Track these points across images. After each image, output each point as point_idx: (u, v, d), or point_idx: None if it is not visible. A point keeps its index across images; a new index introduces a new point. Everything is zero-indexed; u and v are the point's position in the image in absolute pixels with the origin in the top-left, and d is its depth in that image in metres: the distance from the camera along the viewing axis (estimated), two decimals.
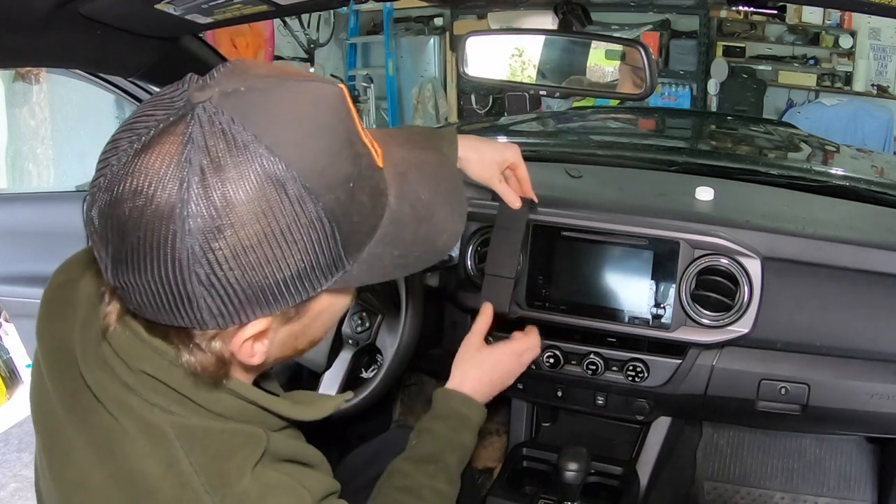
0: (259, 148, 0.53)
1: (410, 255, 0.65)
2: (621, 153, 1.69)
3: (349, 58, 5.71)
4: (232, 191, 0.52)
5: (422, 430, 0.99)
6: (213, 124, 0.53)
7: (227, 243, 0.53)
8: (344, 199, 0.57)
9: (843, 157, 2.15)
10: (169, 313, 0.56)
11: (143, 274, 0.54)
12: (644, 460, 1.36)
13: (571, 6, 1.14)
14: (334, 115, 0.58)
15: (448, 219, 0.69)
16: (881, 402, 1.17)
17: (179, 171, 0.52)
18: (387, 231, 0.63)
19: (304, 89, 0.57)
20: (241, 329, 0.58)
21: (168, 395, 0.62)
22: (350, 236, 0.58)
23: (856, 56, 4.76)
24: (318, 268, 0.57)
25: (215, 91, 0.54)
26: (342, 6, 1.16)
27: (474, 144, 1.09)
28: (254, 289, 0.55)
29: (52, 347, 0.69)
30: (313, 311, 0.62)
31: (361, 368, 1.30)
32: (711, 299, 1.16)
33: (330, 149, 0.57)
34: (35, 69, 3.18)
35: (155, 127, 0.54)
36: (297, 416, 0.67)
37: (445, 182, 0.72)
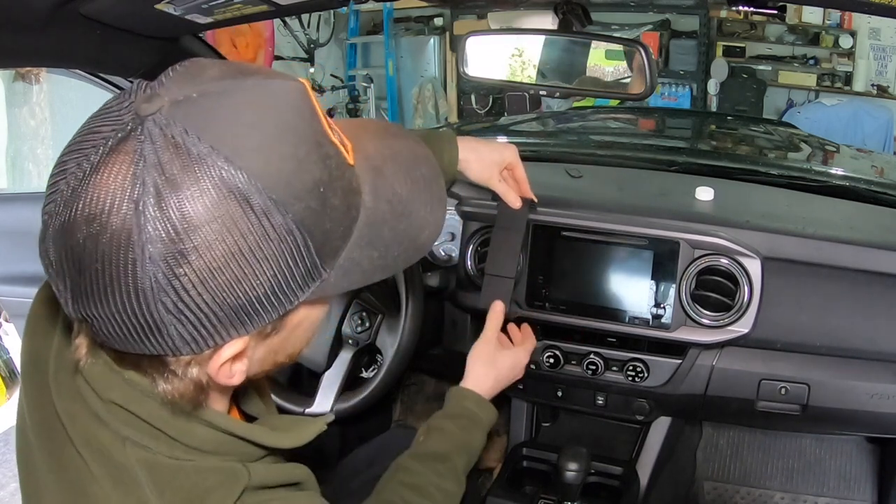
0: (217, 160, 0.49)
1: (390, 255, 0.61)
2: (621, 153, 1.69)
3: (349, 58, 5.71)
4: (192, 210, 0.48)
5: (432, 427, 0.99)
6: (166, 138, 0.48)
7: (193, 268, 0.49)
8: (315, 206, 0.53)
9: (843, 157, 2.15)
10: (138, 343, 0.52)
11: (106, 306, 0.50)
12: (644, 460, 1.36)
13: (571, 6, 1.14)
14: (297, 115, 0.53)
15: (428, 213, 0.65)
16: (881, 402, 1.17)
17: (133, 192, 0.48)
18: (363, 233, 0.58)
19: (263, 90, 0.53)
20: (218, 352, 0.54)
21: (140, 427, 0.58)
22: (324, 244, 0.54)
23: (856, 56, 4.76)
24: (294, 281, 0.53)
25: (165, 101, 0.50)
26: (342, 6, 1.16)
27: (473, 145, 1.10)
28: (226, 311, 0.51)
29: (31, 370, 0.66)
30: (291, 324, 0.59)
31: (361, 368, 1.30)
32: (711, 299, 1.16)
33: (296, 154, 0.52)
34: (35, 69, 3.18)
35: (103, 145, 0.49)
36: (275, 443, 0.63)
37: (423, 171, 0.67)
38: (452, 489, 0.94)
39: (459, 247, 1.31)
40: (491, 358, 1.07)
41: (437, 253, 1.39)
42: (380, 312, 1.23)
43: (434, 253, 1.39)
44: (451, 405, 1.02)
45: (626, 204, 1.27)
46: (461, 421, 1.00)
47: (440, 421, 1.00)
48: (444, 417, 1.00)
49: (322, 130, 0.55)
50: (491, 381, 1.05)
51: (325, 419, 0.68)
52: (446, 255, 1.37)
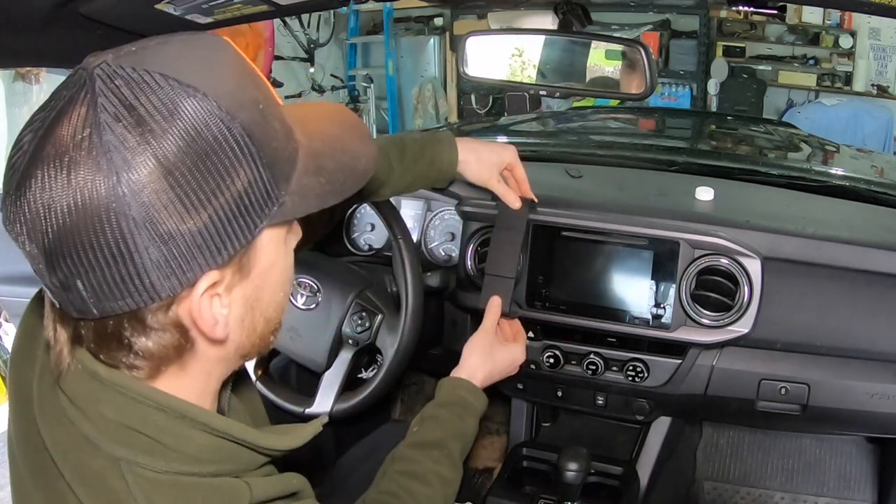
0: (168, 82, 0.52)
1: (336, 181, 0.64)
2: (621, 153, 1.69)
3: (349, 58, 5.71)
4: (150, 127, 0.51)
5: (426, 416, 1.00)
6: (115, 77, 0.52)
7: (158, 179, 0.51)
8: (258, 119, 0.56)
9: (843, 157, 2.15)
10: (116, 290, 0.52)
11: (80, 247, 0.51)
12: (644, 460, 1.36)
13: (571, 6, 1.14)
14: (227, 50, 0.59)
15: (360, 145, 0.69)
16: (881, 402, 1.17)
17: (94, 126, 0.51)
18: (307, 162, 0.62)
19: (193, 36, 0.58)
20: (195, 287, 0.55)
21: (133, 442, 0.57)
22: (274, 163, 0.57)
23: (856, 56, 4.76)
24: (254, 197, 0.56)
25: (108, 55, 0.53)
26: (342, 6, 1.16)
27: (472, 146, 1.11)
28: (198, 229, 0.53)
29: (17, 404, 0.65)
30: (261, 263, 0.60)
31: (361, 368, 1.30)
32: (711, 299, 1.16)
33: (234, 73, 0.57)
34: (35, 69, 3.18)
35: (56, 106, 0.53)
36: (273, 445, 0.63)
37: (343, 118, 0.72)
38: (450, 475, 0.95)
39: (459, 247, 1.31)
40: (488, 350, 1.08)
41: (437, 253, 1.39)
42: (380, 312, 1.23)
43: (434, 253, 1.39)
44: (444, 393, 1.02)
45: (626, 204, 1.27)
46: (455, 409, 1.00)
47: (434, 409, 1.00)
48: (437, 406, 1.01)
49: (249, 65, 0.60)
50: (485, 373, 1.06)
51: (320, 420, 0.68)
52: (446, 255, 1.37)
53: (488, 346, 1.08)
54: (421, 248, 1.38)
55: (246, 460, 0.62)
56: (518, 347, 1.13)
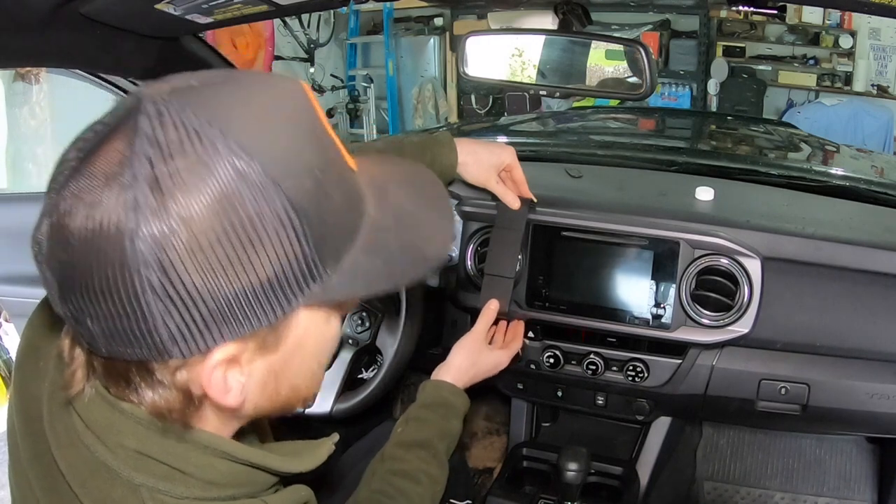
0: (212, 133, 0.48)
1: (396, 265, 0.58)
2: (621, 153, 1.69)
3: (349, 58, 5.71)
4: (184, 182, 0.47)
5: (411, 418, 1.01)
6: (162, 115, 0.48)
7: (182, 241, 0.47)
8: (310, 187, 0.51)
9: (843, 157, 2.15)
10: (125, 341, 0.49)
11: (93, 291, 0.48)
12: (644, 460, 1.36)
13: (571, 6, 1.13)
14: (294, 103, 0.54)
15: (436, 226, 0.63)
16: (881, 402, 1.17)
17: (127, 166, 0.47)
18: (368, 238, 0.56)
19: (262, 80, 0.53)
20: (208, 356, 0.51)
21: (154, 470, 0.55)
22: (324, 239, 0.52)
23: (856, 56, 4.76)
24: (291, 274, 0.50)
25: (166, 87, 0.50)
26: (342, 6, 1.16)
27: (471, 147, 1.11)
28: (217, 300, 0.48)
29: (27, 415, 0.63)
30: (293, 339, 0.55)
31: (361, 368, 1.30)
32: (711, 299, 1.16)
33: (292, 134, 0.52)
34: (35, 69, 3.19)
35: (102, 131, 0.50)
36: (291, 469, 0.61)
37: (428, 189, 0.66)
38: (437, 474, 0.96)
39: (459, 247, 1.31)
40: (475, 355, 1.08)
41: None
42: (380, 312, 1.22)
43: None
44: (427, 395, 1.03)
45: (626, 204, 1.27)
46: (439, 410, 1.01)
47: (418, 411, 1.01)
48: (422, 407, 1.02)
49: (320, 124, 0.55)
50: (469, 376, 1.07)
51: (331, 439, 0.66)
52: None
53: (476, 351, 1.08)
54: None
55: (262, 482, 0.61)
56: (504, 353, 1.13)
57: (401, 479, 0.92)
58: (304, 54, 5.18)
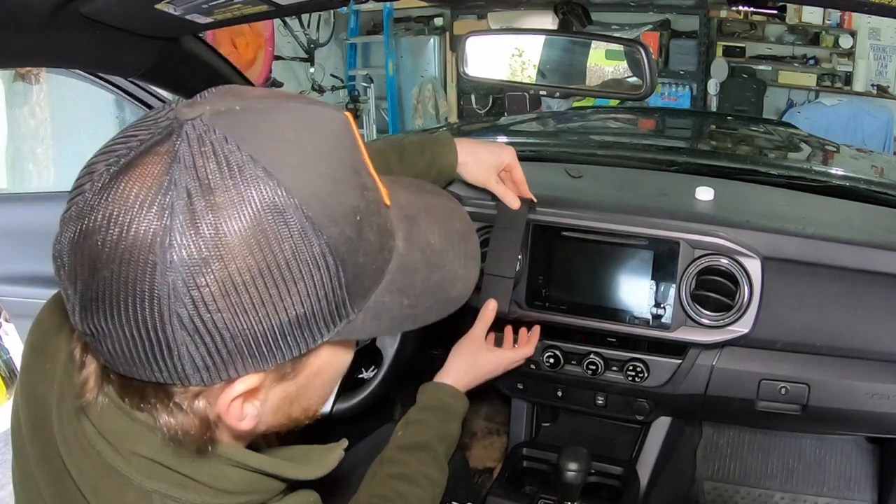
0: (256, 170, 0.46)
1: (421, 304, 0.58)
2: (621, 153, 1.69)
3: (349, 58, 5.71)
4: (223, 218, 0.45)
5: (410, 421, 1.01)
6: (203, 143, 0.46)
7: (216, 278, 0.46)
8: (350, 234, 0.50)
9: (843, 157, 2.15)
10: (145, 365, 0.49)
11: (116, 316, 0.47)
12: (644, 460, 1.36)
13: (571, 6, 1.13)
14: (338, 141, 0.52)
15: (461, 266, 0.63)
16: (881, 402, 1.17)
17: (163, 194, 0.46)
18: (395, 277, 0.56)
19: (306, 112, 0.51)
20: (230, 386, 0.51)
21: (166, 477, 0.55)
22: (356, 279, 0.52)
23: (856, 56, 4.77)
24: (321, 314, 0.50)
25: (206, 108, 0.48)
26: (342, 6, 1.16)
27: (471, 148, 1.11)
28: (245, 337, 0.48)
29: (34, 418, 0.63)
30: (311, 368, 0.55)
31: (361, 368, 1.30)
32: (711, 299, 1.16)
33: (335, 176, 0.50)
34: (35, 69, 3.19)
35: (136, 147, 0.48)
36: (303, 476, 0.61)
37: (457, 227, 0.66)
38: (436, 476, 0.96)
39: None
40: (474, 358, 1.09)
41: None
42: None
43: None
44: (427, 398, 1.04)
45: (626, 204, 1.27)
46: (439, 413, 1.02)
47: (418, 414, 1.02)
48: (421, 410, 1.02)
49: (362, 161, 0.54)
50: (468, 379, 1.07)
51: (340, 445, 0.66)
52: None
53: (474, 354, 1.09)
54: None
55: (273, 488, 0.61)
56: (505, 356, 1.13)
57: (400, 483, 0.93)
58: (304, 54, 5.18)
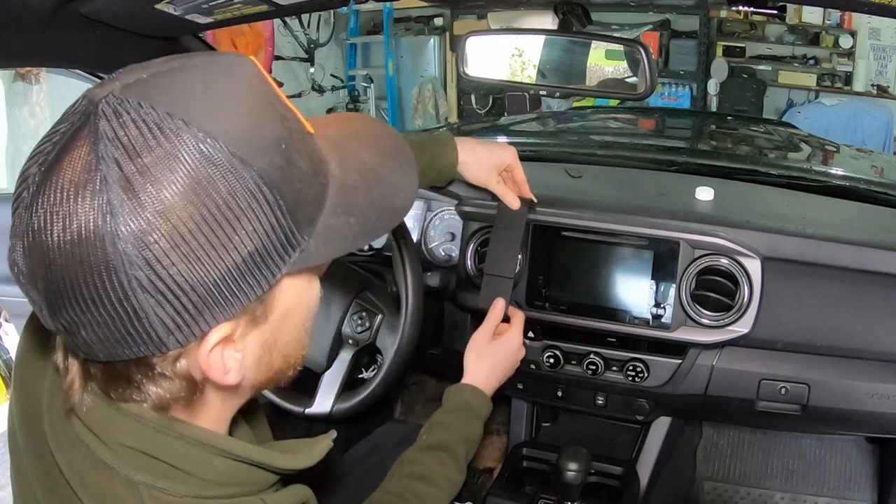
0: (175, 123, 0.48)
1: (368, 221, 0.59)
2: (621, 153, 1.69)
3: (349, 58, 5.71)
4: (155, 176, 0.47)
5: (434, 423, 1.01)
6: (120, 114, 0.48)
7: (162, 234, 0.47)
8: (279, 162, 0.52)
9: (843, 157, 2.15)
10: (121, 343, 0.50)
11: (81, 301, 0.48)
12: (644, 460, 1.36)
13: (571, 6, 1.13)
14: (249, 81, 0.54)
15: (400, 177, 0.64)
16: (881, 402, 1.17)
17: (94, 171, 0.47)
18: (337, 200, 0.57)
19: (212, 62, 0.53)
20: (204, 340, 0.52)
21: (154, 468, 0.56)
22: (297, 207, 0.53)
23: (856, 56, 4.76)
24: (272, 247, 0.51)
25: (116, 84, 0.49)
26: (342, 6, 1.16)
27: (471, 147, 1.11)
28: (205, 285, 0.49)
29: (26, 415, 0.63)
30: (280, 309, 0.57)
31: (361, 368, 1.30)
32: (711, 299, 1.16)
33: (252, 110, 0.52)
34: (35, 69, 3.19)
35: (60, 140, 0.49)
36: (290, 466, 0.62)
37: (386, 142, 0.66)
38: (455, 477, 0.96)
39: (459, 247, 1.31)
40: (482, 351, 1.09)
41: (437, 253, 1.39)
42: (380, 312, 1.22)
43: (434, 253, 1.39)
44: (449, 400, 1.04)
45: (626, 204, 1.27)
46: (461, 413, 1.02)
47: (441, 416, 1.02)
48: (444, 412, 1.03)
49: (276, 95, 0.55)
50: (485, 372, 1.07)
51: (328, 436, 0.66)
52: (446, 255, 1.37)
53: (482, 348, 1.09)
54: (421, 248, 1.38)
55: (262, 480, 0.61)
56: (510, 336, 1.11)
57: (416, 482, 0.93)
58: (304, 54, 5.18)
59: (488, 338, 1.10)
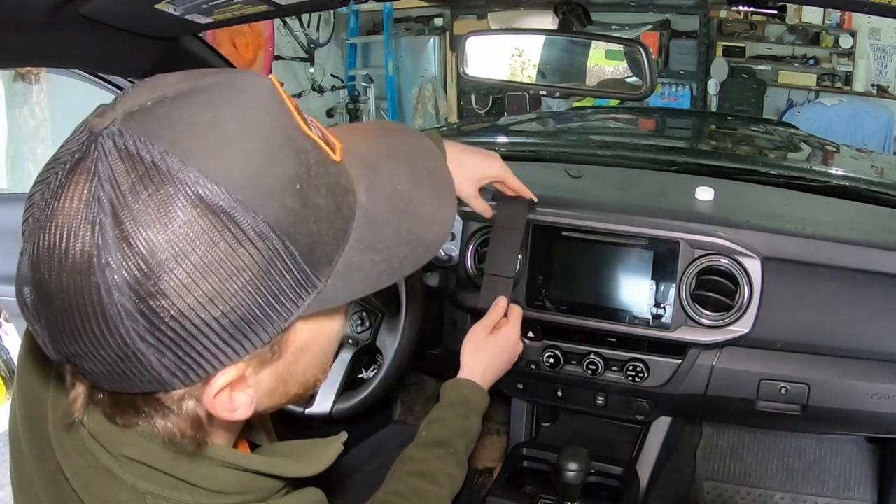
0: (172, 163, 0.44)
1: (395, 257, 0.55)
2: (621, 153, 1.69)
3: (349, 58, 5.71)
4: (150, 223, 0.44)
5: (432, 419, 1.01)
6: (118, 149, 0.45)
7: (160, 288, 0.44)
8: (292, 205, 0.47)
9: (843, 157, 2.15)
10: (124, 379, 0.48)
11: (81, 342, 0.46)
12: (644, 460, 1.36)
13: (571, 6, 1.13)
14: (263, 111, 0.49)
15: (435, 207, 0.58)
16: (881, 402, 1.17)
17: (89, 213, 0.44)
18: (362, 235, 0.53)
19: (222, 87, 0.48)
20: (210, 382, 0.49)
21: (159, 479, 0.55)
22: (313, 250, 0.49)
23: (856, 56, 4.76)
24: (282, 293, 0.48)
25: (118, 112, 0.46)
26: (342, 6, 1.16)
27: (457, 157, 1.07)
28: (207, 335, 0.46)
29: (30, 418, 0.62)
30: (295, 346, 0.53)
31: (361, 368, 1.30)
32: (711, 299, 1.16)
33: (262, 149, 0.47)
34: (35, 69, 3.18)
35: (62, 170, 0.46)
36: (299, 474, 0.60)
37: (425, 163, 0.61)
38: (455, 472, 0.96)
39: (459, 247, 1.31)
40: (479, 344, 1.08)
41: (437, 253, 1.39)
42: (380, 312, 1.22)
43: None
44: (446, 395, 1.04)
45: (626, 204, 1.27)
46: (458, 408, 1.02)
47: (439, 411, 1.02)
48: (442, 407, 1.02)
49: (294, 124, 0.50)
50: (482, 366, 1.07)
51: (339, 439, 0.63)
52: (446, 255, 1.37)
53: (479, 341, 1.08)
54: None
55: (270, 487, 0.60)
56: (507, 329, 1.10)
57: (418, 480, 0.93)
58: (304, 54, 5.18)
59: (486, 331, 1.10)
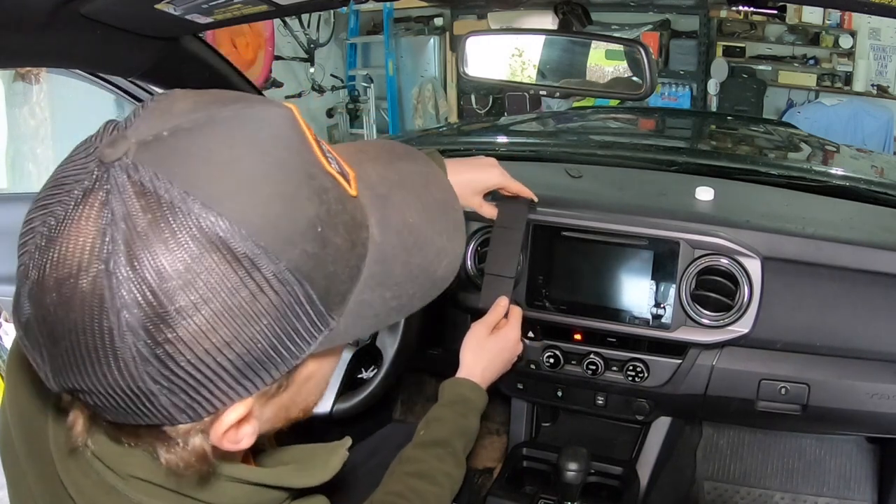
0: (193, 206, 0.42)
1: (405, 293, 0.55)
2: (621, 153, 1.69)
3: (349, 58, 5.71)
4: (169, 267, 0.42)
5: (430, 419, 1.01)
6: (134, 185, 0.43)
7: (177, 334, 0.43)
8: (313, 250, 0.46)
9: (843, 157, 2.15)
10: (130, 415, 0.47)
11: (88, 379, 0.45)
12: (644, 460, 1.36)
13: (571, 6, 1.13)
14: (282, 146, 0.47)
15: (444, 241, 0.58)
16: (881, 402, 1.17)
17: (101, 252, 0.42)
18: (373, 271, 0.52)
19: (241, 120, 0.46)
20: (219, 418, 0.48)
21: (167, 497, 0.54)
22: (329, 290, 0.48)
23: (856, 56, 4.76)
24: (297, 334, 0.47)
25: (132, 142, 0.44)
26: (342, 6, 1.16)
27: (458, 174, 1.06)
28: (219, 377, 0.45)
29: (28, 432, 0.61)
30: (300, 379, 0.53)
31: (361, 368, 1.30)
32: (711, 299, 1.16)
33: (284, 192, 0.46)
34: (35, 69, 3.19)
35: (67, 198, 0.44)
36: (306, 483, 0.59)
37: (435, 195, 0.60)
38: (454, 472, 0.96)
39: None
40: (478, 344, 1.08)
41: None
42: None
43: None
44: (445, 394, 1.04)
45: (626, 204, 1.27)
46: (457, 407, 1.01)
47: (437, 411, 1.02)
48: (440, 406, 1.02)
49: (314, 161, 0.49)
50: (482, 365, 1.06)
51: (343, 445, 0.63)
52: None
53: (479, 340, 1.08)
54: None
55: (276, 497, 0.60)
56: (508, 329, 1.11)
57: (416, 480, 0.92)
58: (304, 54, 5.18)
59: (485, 332, 1.10)
